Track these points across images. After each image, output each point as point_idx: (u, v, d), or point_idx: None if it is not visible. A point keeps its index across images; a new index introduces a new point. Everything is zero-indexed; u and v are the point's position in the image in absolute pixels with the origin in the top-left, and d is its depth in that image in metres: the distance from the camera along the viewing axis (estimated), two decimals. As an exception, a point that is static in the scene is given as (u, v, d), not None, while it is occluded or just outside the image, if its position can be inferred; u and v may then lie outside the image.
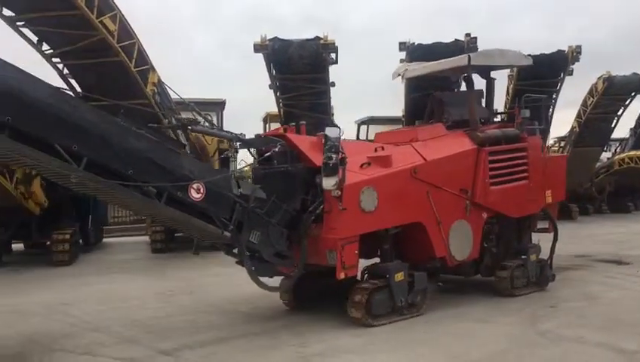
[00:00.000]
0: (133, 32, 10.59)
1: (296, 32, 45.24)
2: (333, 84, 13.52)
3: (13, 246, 15.34)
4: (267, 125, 19.32)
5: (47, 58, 10.44)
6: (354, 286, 7.26)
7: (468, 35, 13.08)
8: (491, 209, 8.43)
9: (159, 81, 11.30)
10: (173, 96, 11.22)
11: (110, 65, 10.33)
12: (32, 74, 5.27)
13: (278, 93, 13.75)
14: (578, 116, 19.60)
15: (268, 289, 7.09)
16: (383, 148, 7.86)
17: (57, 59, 10.60)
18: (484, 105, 9.38)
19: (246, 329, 7.23)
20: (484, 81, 9.37)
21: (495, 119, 9.50)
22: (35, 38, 10.17)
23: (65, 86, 10.92)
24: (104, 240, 18.15)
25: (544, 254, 9.17)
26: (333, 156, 6.53)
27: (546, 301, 8.31)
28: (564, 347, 6.26)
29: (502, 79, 16.80)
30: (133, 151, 5.83)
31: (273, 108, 15.59)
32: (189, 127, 6.84)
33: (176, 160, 6.26)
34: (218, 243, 7.02)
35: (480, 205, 8.26)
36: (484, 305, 8.16)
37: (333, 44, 12.12)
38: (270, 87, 13.45)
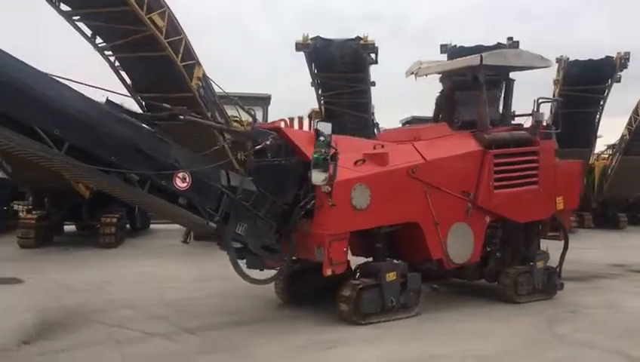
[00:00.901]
0: (181, 28, 11.12)
1: (357, 28, 45.53)
2: (373, 84, 13.79)
3: (66, 227, 16.25)
4: (312, 121, 19.69)
5: (100, 51, 11.10)
6: (342, 284, 7.17)
7: (510, 38, 13.12)
8: (495, 213, 8.24)
9: (204, 75, 11.76)
10: (217, 90, 11.76)
11: (158, 59, 10.88)
12: (15, 56, 5.25)
13: (319, 91, 14.12)
14: (629, 124, 19.11)
15: (251, 281, 6.95)
16: (382, 146, 7.76)
17: (109, 52, 11.25)
18: (502, 106, 9.16)
19: (267, 314, 7.63)
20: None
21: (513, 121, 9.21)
22: (89, 32, 10.85)
23: (116, 77, 11.63)
24: (152, 225, 18.91)
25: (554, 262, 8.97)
26: (324, 151, 6.47)
27: (567, 306, 8.33)
28: (572, 350, 6.36)
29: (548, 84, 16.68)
30: (117, 138, 5.77)
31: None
32: (181, 117, 6.84)
33: (164, 149, 6.17)
34: (208, 234, 6.98)
35: (483, 208, 8.08)
36: (504, 306, 8.24)
37: (373, 44, 12.37)
38: (312, 84, 13.82)
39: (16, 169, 13.29)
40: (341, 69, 13.16)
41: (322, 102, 14.49)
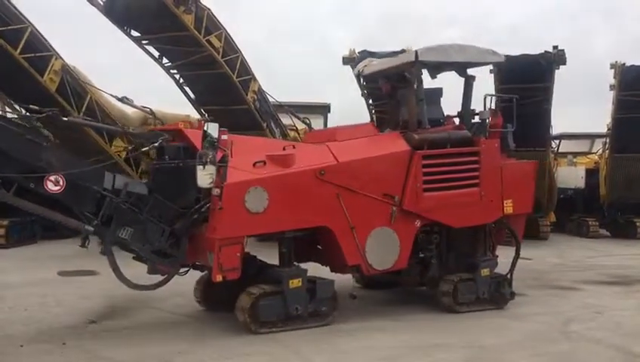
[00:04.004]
0: (237, 47, 12.28)
1: (436, 31, 45.38)
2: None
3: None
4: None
5: (167, 70, 12.44)
6: (241, 291, 6.85)
7: (555, 47, 13.32)
8: (426, 217, 7.68)
9: (259, 89, 12.88)
10: (272, 101, 12.82)
11: (216, 76, 12.07)
12: None
13: (370, 101, 14.86)
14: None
15: (132, 286, 6.82)
16: (293, 147, 7.42)
17: (174, 71, 12.59)
18: (465, 104, 8.41)
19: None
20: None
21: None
22: (156, 53, 12.21)
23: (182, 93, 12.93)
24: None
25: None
26: (210, 153, 6.34)
27: (595, 307, 8.40)
28: (574, 345, 6.66)
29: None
30: None
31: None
32: (67, 118, 6.63)
33: (34, 151, 5.96)
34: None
35: (411, 212, 7.54)
36: (528, 305, 8.42)
37: (415, 57, 12.91)
38: (361, 95, 14.60)
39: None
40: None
41: (373, 111, 15.21)
